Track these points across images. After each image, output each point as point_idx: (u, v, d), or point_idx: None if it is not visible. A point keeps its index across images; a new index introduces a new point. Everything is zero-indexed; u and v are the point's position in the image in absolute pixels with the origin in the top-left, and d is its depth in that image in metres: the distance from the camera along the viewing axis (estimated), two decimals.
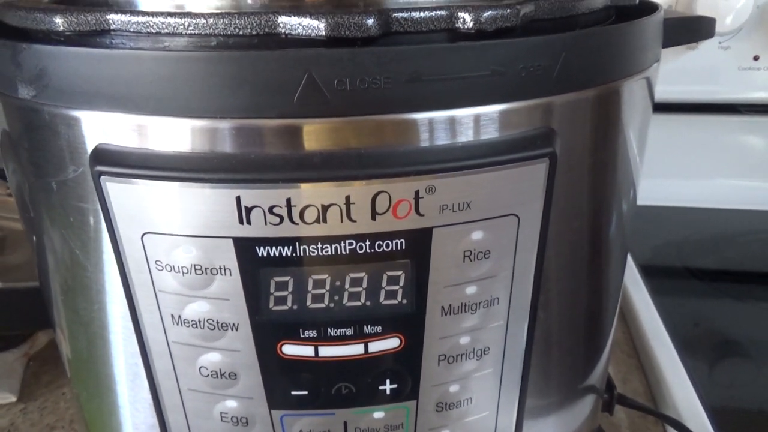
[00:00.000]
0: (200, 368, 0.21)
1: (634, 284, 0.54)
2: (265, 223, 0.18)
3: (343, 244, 0.19)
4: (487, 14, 0.19)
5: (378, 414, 0.22)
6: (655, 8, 0.27)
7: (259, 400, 0.21)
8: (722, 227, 0.65)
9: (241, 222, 0.18)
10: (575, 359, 0.29)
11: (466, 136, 0.19)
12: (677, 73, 0.64)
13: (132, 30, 0.20)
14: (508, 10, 0.19)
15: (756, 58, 0.63)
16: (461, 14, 0.19)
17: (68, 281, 0.24)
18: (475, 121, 0.19)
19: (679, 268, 0.58)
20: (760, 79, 0.63)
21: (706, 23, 0.30)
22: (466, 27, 0.19)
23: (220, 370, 0.21)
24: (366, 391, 0.21)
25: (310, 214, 0.18)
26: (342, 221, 0.18)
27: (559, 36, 0.20)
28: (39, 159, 0.21)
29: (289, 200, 0.18)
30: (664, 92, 0.65)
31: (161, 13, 0.19)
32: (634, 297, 0.53)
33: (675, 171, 0.68)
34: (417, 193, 0.18)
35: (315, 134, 0.18)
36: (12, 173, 0.24)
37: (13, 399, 0.44)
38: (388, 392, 0.21)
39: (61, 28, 0.20)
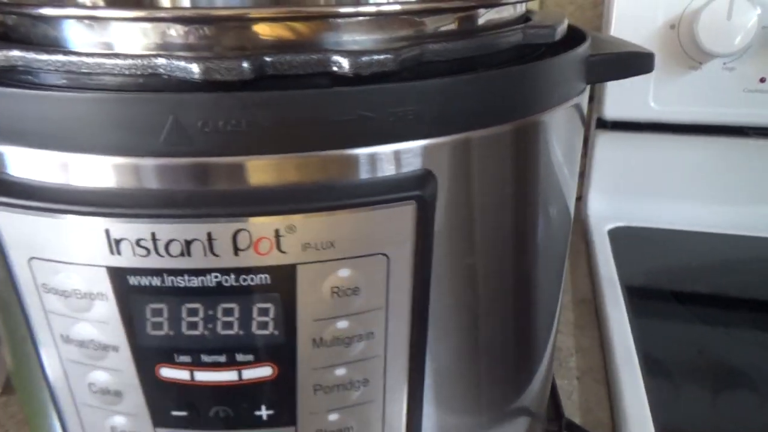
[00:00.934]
0: (89, 384, 0.22)
1: (615, 307, 0.53)
2: (134, 254, 0.19)
3: (209, 277, 0.20)
4: (362, 59, 0.20)
5: None
6: (578, 43, 0.27)
7: (144, 418, 0.22)
8: (721, 253, 0.62)
9: (112, 252, 0.20)
10: (492, 386, 0.29)
11: (330, 176, 0.20)
12: (678, 93, 0.62)
13: (35, 67, 0.21)
14: (387, 56, 0.20)
15: (762, 80, 0.60)
16: (337, 58, 0.20)
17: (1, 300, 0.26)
18: (338, 163, 0.20)
19: (665, 292, 0.56)
20: (766, 102, 0.61)
21: (643, 59, 0.29)
22: (342, 71, 0.20)
23: (106, 387, 0.22)
24: (243, 415, 0.22)
25: (175, 248, 0.19)
26: (206, 255, 0.19)
27: (429, 82, 0.20)
28: None
29: (153, 234, 0.19)
30: (664, 112, 0.64)
31: (58, 51, 0.21)
32: (612, 320, 0.52)
33: (675, 193, 0.66)
34: (277, 231, 0.19)
35: (179, 173, 0.19)
36: None
37: None
38: (264, 418, 0.22)
39: None
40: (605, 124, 0.67)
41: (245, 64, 0.19)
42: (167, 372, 0.21)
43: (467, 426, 0.30)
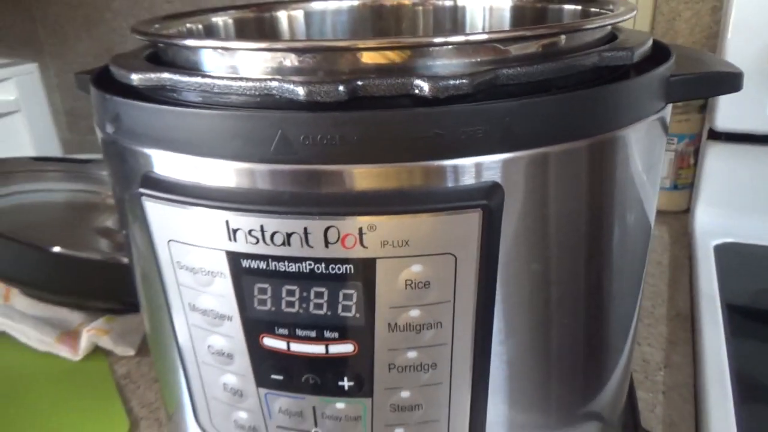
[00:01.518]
0: (208, 346, 0.27)
1: (712, 324, 0.52)
2: (246, 242, 0.24)
3: (304, 264, 0.24)
4: (440, 84, 0.23)
5: (340, 405, 0.26)
6: (660, 63, 0.28)
7: (249, 378, 0.27)
8: None
9: (230, 239, 0.24)
10: (561, 387, 0.31)
11: (407, 185, 0.23)
12: None
13: (178, 87, 0.26)
14: (463, 80, 0.23)
15: None
16: (418, 82, 0.23)
17: (143, 273, 0.32)
18: (415, 173, 0.23)
19: None
20: None
21: (730, 78, 0.29)
22: (422, 94, 0.23)
23: (221, 350, 0.27)
24: (328, 384, 0.26)
25: (278, 238, 0.23)
26: (302, 246, 0.23)
27: (497, 104, 0.23)
28: (116, 178, 0.29)
29: (262, 226, 0.23)
30: None
31: (197, 74, 0.26)
32: (707, 337, 0.50)
33: None
34: (360, 230, 0.23)
35: (284, 177, 0.23)
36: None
37: (132, 353, 0.54)
38: (346, 388, 0.26)
39: (134, 83, 0.27)
40: (717, 136, 0.65)
41: (341, 88, 0.23)
42: (269, 341, 0.26)
43: (535, 423, 0.32)
